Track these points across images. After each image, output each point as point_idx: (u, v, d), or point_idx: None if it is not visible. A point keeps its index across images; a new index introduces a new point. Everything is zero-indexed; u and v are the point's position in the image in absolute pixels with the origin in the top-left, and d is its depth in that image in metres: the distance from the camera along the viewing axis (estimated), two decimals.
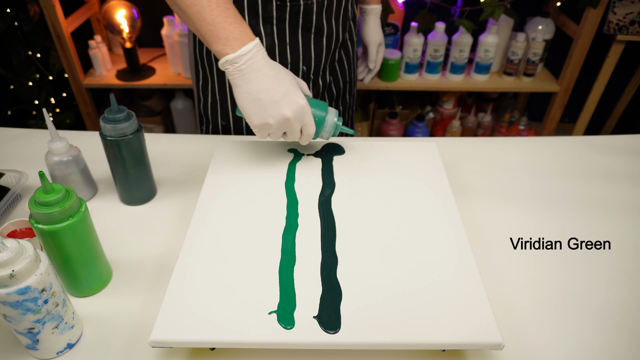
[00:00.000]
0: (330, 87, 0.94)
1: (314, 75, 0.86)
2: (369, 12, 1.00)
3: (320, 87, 0.90)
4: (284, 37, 0.80)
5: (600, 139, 0.86)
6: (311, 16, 0.79)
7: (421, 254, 0.54)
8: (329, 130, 0.66)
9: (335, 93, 0.95)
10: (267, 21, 0.78)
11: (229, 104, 0.87)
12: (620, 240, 0.64)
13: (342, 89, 0.97)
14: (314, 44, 0.83)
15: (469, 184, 0.74)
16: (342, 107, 1.00)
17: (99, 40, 1.63)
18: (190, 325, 0.46)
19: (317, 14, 0.80)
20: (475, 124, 1.92)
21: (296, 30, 0.80)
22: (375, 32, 1.02)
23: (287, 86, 0.60)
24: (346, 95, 1.00)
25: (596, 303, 0.55)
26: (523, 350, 0.50)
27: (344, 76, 0.95)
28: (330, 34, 0.84)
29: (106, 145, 0.63)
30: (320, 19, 0.81)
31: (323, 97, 0.93)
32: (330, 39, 0.84)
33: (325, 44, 0.84)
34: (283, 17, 0.78)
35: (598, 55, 1.69)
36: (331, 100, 0.95)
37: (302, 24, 0.80)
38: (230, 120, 0.89)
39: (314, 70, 0.86)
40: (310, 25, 0.80)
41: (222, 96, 0.87)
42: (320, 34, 0.83)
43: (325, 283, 0.51)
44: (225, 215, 0.60)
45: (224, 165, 0.69)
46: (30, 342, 0.46)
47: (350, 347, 0.46)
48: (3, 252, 0.40)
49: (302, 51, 0.83)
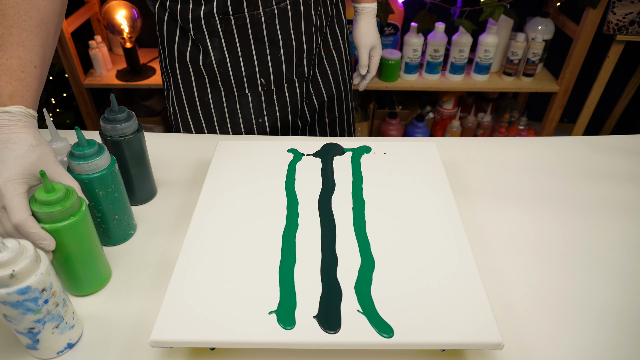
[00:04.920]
0: (311, 100, 0.90)
1: (276, 87, 0.84)
2: (358, 12, 0.94)
3: (288, 99, 0.86)
4: (235, 50, 0.78)
5: (600, 139, 0.86)
6: (260, 27, 0.76)
7: (421, 254, 0.54)
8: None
9: (317, 106, 0.91)
10: (213, 35, 0.76)
11: (189, 115, 0.86)
12: (620, 240, 0.64)
13: (329, 101, 0.93)
14: (270, 55, 0.80)
15: (469, 184, 0.74)
16: (331, 119, 0.96)
17: (99, 41, 1.63)
18: (190, 325, 0.46)
19: (268, 24, 0.76)
20: (475, 124, 1.92)
21: (248, 42, 0.77)
22: (366, 34, 0.94)
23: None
24: (334, 107, 0.95)
25: (596, 303, 0.55)
26: (523, 350, 0.50)
27: (329, 88, 0.91)
28: (288, 45, 0.80)
29: (106, 145, 0.63)
30: (273, 29, 0.77)
31: (301, 111, 0.90)
32: (290, 50, 0.81)
33: (284, 55, 0.80)
34: (230, 30, 0.75)
35: (598, 56, 1.69)
36: (314, 113, 0.92)
37: (252, 36, 0.76)
38: (192, 130, 0.88)
39: (274, 82, 0.83)
40: (262, 37, 0.77)
41: (180, 107, 0.87)
42: (276, 45, 0.79)
43: (325, 283, 0.51)
44: (225, 215, 0.60)
45: (224, 165, 0.69)
46: (31, 342, 0.46)
47: (350, 347, 0.46)
48: (3, 252, 0.40)
49: (257, 63, 0.80)
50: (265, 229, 0.58)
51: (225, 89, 0.83)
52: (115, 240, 0.61)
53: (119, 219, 0.60)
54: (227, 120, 0.86)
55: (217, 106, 0.85)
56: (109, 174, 0.56)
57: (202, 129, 0.87)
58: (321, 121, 0.95)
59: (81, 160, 0.54)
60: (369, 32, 0.93)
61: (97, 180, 0.55)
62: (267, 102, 0.85)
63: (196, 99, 0.85)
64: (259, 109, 0.85)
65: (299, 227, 0.58)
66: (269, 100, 0.85)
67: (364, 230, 0.58)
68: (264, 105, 0.85)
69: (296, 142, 0.74)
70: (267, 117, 0.86)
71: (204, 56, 0.79)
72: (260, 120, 0.86)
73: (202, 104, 0.85)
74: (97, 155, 0.54)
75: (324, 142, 0.74)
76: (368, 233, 0.57)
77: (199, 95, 0.84)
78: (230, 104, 0.84)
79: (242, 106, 0.85)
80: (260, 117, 0.86)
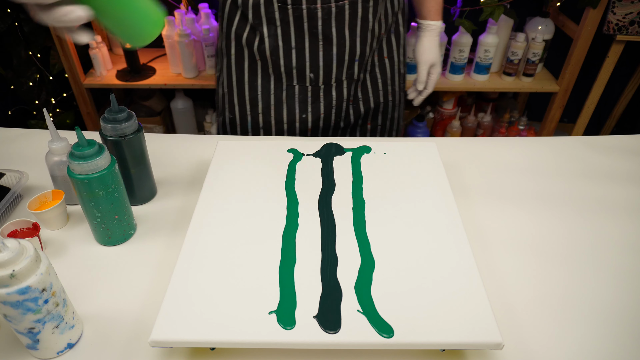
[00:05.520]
0: (358, 104, 0.90)
1: (324, 84, 0.85)
2: (422, 28, 0.93)
3: (334, 99, 0.87)
4: (288, 40, 0.80)
5: (600, 139, 0.86)
6: (316, 22, 0.78)
7: (421, 254, 0.54)
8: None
9: (363, 111, 0.92)
10: (270, 22, 0.78)
11: (236, 97, 0.88)
12: (620, 240, 0.64)
13: (375, 109, 0.93)
14: (323, 52, 0.81)
15: (469, 184, 0.74)
16: (373, 126, 0.95)
17: (99, 41, 1.63)
18: (191, 325, 0.46)
19: (324, 20, 0.78)
20: (475, 124, 1.92)
21: (302, 35, 0.79)
22: (428, 51, 0.92)
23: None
24: (379, 115, 0.95)
25: (596, 303, 0.55)
26: (523, 350, 0.50)
27: (377, 95, 0.91)
28: (341, 44, 0.81)
29: (106, 145, 0.63)
30: (328, 26, 0.79)
31: (346, 113, 0.90)
32: (343, 49, 0.82)
33: (336, 53, 0.82)
34: (286, 20, 0.77)
35: (598, 56, 1.69)
36: (358, 118, 0.92)
37: (307, 30, 0.79)
38: (236, 113, 0.89)
39: (323, 79, 0.84)
40: (316, 32, 0.79)
41: (229, 89, 0.88)
42: (329, 42, 0.80)
43: (325, 283, 0.51)
44: (225, 215, 0.60)
45: (224, 165, 0.69)
46: (31, 342, 0.46)
47: (350, 347, 0.46)
48: (3, 252, 0.40)
49: (308, 57, 0.81)
50: (265, 229, 0.58)
51: (275, 78, 0.85)
52: (115, 240, 0.61)
53: (119, 219, 0.60)
54: (271, 109, 0.87)
55: (264, 92, 0.87)
56: (109, 174, 0.56)
57: (246, 114, 0.89)
58: (363, 126, 0.95)
59: (81, 160, 0.54)
60: (431, 50, 0.93)
61: (97, 180, 0.55)
62: (313, 98, 0.86)
63: (245, 83, 0.87)
64: (304, 103, 0.87)
65: (299, 227, 0.58)
66: (315, 96, 0.86)
67: (364, 230, 0.58)
68: (309, 101, 0.87)
69: (296, 142, 0.74)
70: (311, 113, 0.88)
71: (259, 42, 0.81)
72: (304, 115, 0.88)
73: (251, 88, 0.87)
74: (97, 155, 0.54)
75: (324, 142, 0.74)
76: (368, 233, 0.57)
77: (249, 79, 0.86)
78: (277, 93, 0.86)
79: (288, 97, 0.86)
80: (304, 112, 0.88)
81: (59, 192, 0.64)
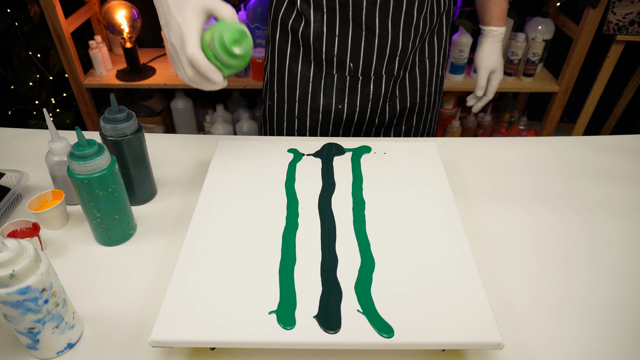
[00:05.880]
0: (394, 102, 0.89)
1: (362, 75, 0.84)
2: (485, 34, 0.92)
3: (372, 93, 0.86)
4: (333, 27, 0.80)
5: (600, 139, 0.86)
6: (360, 11, 0.78)
7: (421, 254, 0.54)
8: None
9: (399, 110, 0.91)
10: (317, 8, 0.79)
11: (276, 84, 0.90)
12: (620, 240, 0.64)
13: (410, 109, 0.92)
14: (365, 42, 0.81)
15: (469, 184, 0.74)
16: (407, 127, 0.94)
17: (99, 41, 1.63)
18: (191, 325, 0.46)
19: (368, 10, 0.78)
20: (475, 124, 1.92)
21: (347, 23, 0.79)
22: (489, 57, 0.92)
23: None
24: (414, 116, 0.93)
25: (596, 303, 0.55)
26: (523, 350, 0.50)
27: (414, 95, 0.90)
28: (383, 36, 0.80)
29: (106, 145, 0.63)
30: (372, 17, 0.78)
31: (382, 110, 0.89)
32: (384, 42, 0.81)
33: (377, 45, 0.81)
34: (333, 6, 0.78)
35: (598, 56, 1.69)
36: (393, 117, 0.91)
37: (352, 18, 0.79)
38: (275, 101, 0.91)
39: (362, 70, 0.84)
40: (360, 21, 0.79)
41: (271, 76, 0.90)
42: (372, 33, 0.80)
43: (325, 283, 0.51)
44: (225, 215, 0.60)
45: (224, 165, 0.69)
46: (31, 342, 0.46)
47: (350, 347, 0.46)
48: (3, 252, 0.40)
49: (350, 46, 0.81)
50: (265, 229, 0.58)
51: (316, 64, 0.85)
52: (115, 240, 0.61)
53: (119, 219, 0.60)
54: (308, 98, 0.88)
55: (303, 80, 0.87)
56: (109, 174, 0.56)
57: (284, 102, 0.90)
58: (398, 127, 0.94)
59: (81, 160, 0.54)
60: (492, 55, 0.92)
61: (97, 180, 0.55)
62: (351, 89, 0.86)
63: (286, 69, 0.87)
64: (341, 92, 0.87)
65: (299, 227, 0.58)
66: (353, 87, 0.86)
67: (364, 230, 0.58)
68: (347, 91, 0.87)
69: (296, 142, 0.74)
70: (347, 104, 0.88)
71: (304, 26, 0.82)
72: (340, 106, 0.88)
73: (290, 74, 0.87)
74: (97, 155, 0.54)
75: (324, 142, 0.74)
76: (368, 233, 0.57)
77: (290, 65, 0.87)
78: (316, 81, 0.86)
79: (326, 86, 0.86)
80: (341, 103, 0.88)
81: (59, 192, 0.64)
